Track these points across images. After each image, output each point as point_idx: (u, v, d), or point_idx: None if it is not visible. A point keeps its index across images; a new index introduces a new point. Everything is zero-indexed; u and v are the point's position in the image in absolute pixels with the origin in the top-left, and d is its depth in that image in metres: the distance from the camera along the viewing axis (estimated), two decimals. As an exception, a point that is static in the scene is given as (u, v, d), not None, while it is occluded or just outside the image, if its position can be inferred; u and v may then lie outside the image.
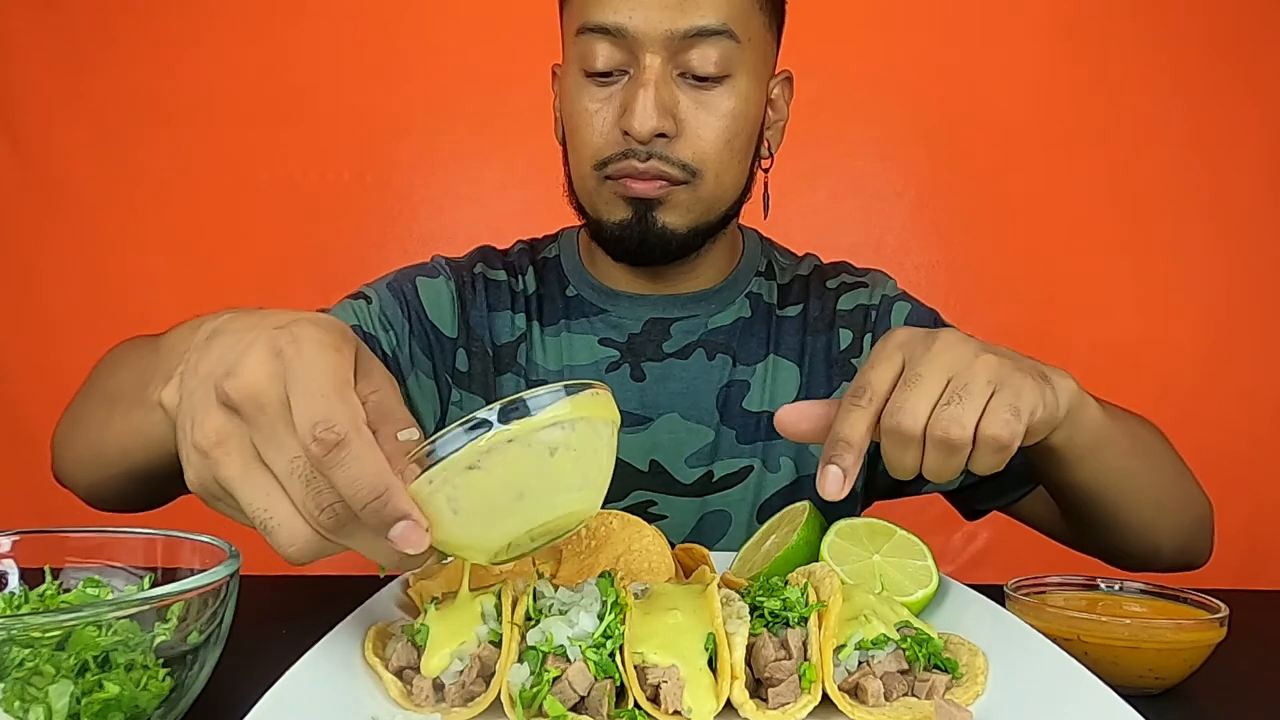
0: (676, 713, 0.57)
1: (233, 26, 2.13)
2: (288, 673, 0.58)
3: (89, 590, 0.67)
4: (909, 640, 0.64)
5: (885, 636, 0.63)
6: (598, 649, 0.58)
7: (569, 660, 0.58)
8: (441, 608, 0.65)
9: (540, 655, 0.59)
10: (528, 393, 0.54)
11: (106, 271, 2.13)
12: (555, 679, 0.57)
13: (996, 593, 0.77)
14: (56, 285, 2.15)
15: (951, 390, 0.67)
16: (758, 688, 0.61)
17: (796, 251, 1.25)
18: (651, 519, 1.09)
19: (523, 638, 0.61)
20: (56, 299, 2.14)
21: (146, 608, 0.55)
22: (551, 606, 0.63)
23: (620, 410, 1.08)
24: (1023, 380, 0.69)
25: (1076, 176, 2.12)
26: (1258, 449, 2.05)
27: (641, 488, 1.10)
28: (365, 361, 0.57)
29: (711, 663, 0.60)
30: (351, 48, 2.13)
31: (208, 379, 0.53)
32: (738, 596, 0.66)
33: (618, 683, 0.58)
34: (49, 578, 0.68)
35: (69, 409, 0.91)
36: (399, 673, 0.63)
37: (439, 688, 0.61)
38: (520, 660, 0.59)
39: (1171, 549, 0.97)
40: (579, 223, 1.11)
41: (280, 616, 0.83)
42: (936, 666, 0.64)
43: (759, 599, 0.65)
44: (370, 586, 0.75)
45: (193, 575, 0.58)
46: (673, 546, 0.82)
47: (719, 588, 0.66)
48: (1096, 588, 0.83)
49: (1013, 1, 2.12)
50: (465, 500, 0.54)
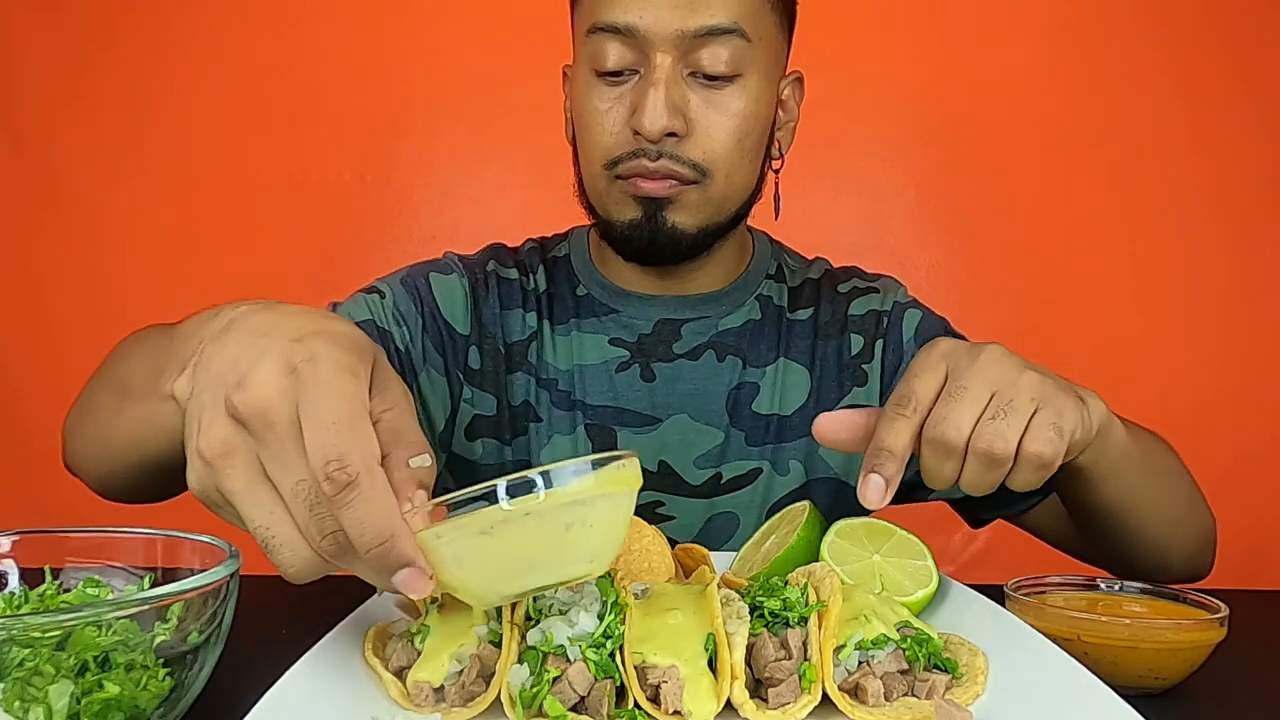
0: (676, 713, 0.57)
1: (233, 26, 2.13)
2: (288, 673, 0.58)
3: (89, 590, 0.67)
4: (909, 640, 0.64)
5: (885, 636, 0.63)
6: (598, 649, 0.58)
7: (569, 660, 0.58)
8: (442, 609, 0.65)
9: (540, 655, 0.59)
10: (554, 465, 0.53)
11: (106, 271, 2.14)
12: (555, 679, 0.57)
13: (996, 593, 0.77)
14: (56, 285, 2.15)
15: (996, 405, 0.68)
16: (758, 688, 0.61)
17: (796, 250, 1.25)
18: (660, 519, 1.09)
19: (523, 638, 0.61)
20: (56, 298, 2.14)
21: (146, 608, 0.55)
22: (551, 606, 0.63)
23: (629, 410, 1.09)
24: (1064, 400, 0.70)
25: (1077, 176, 2.12)
26: (1258, 449, 2.06)
27: (650, 488, 1.10)
28: (382, 377, 0.56)
29: (711, 663, 0.60)
30: (351, 48, 2.13)
31: (218, 383, 0.52)
32: (738, 596, 0.66)
33: (618, 683, 0.58)
34: (49, 578, 0.68)
35: (80, 397, 0.90)
36: (399, 673, 0.63)
37: (439, 688, 0.60)
38: (520, 661, 0.59)
39: (1180, 564, 0.99)
40: (588, 222, 1.10)
41: (280, 616, 0.82)
42: (936, 666, 0.64)
43: (759, 599, 0.65)
44: (370, 587, 0.74)
45: (193, 575, 0.58)
46: (673, 546, 0.82)
47: (719, 588, 0.66)
48: (1096, 588, 0.83)
49: (1014, 1, 2.12)
50: (472, 559, 0.53)
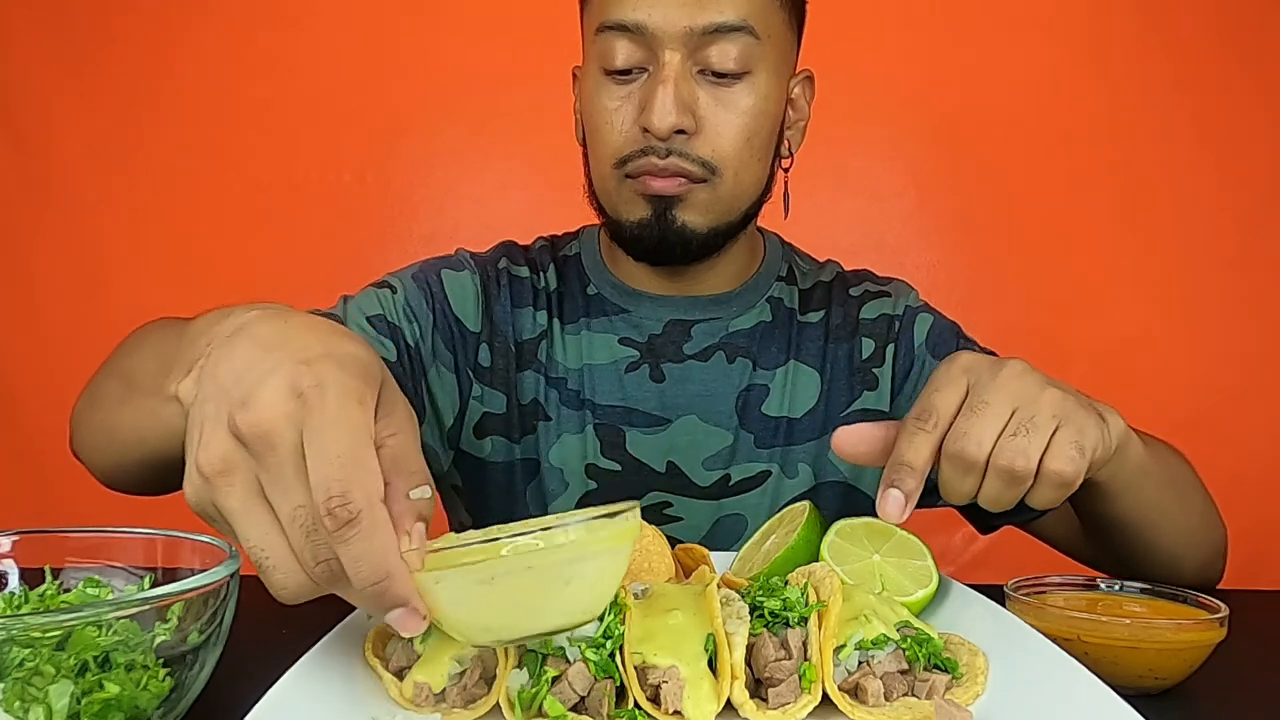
0: (677, 713, 0.57)
1: (233, 26, 2.13)
2: (288, 673, 0.58)
3: (89, 590, 0.67)
4: (909, 640, 0.64)
5: (885, 636, 0.63)
6: (597, 649, 0.58)
7: (568, 661, 0.58)
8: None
9: (539, 656, 0.59)
10: (556, 519, 0.53)
11: (106, 271, 2.13)
12: (555, 679, 0.57)
13: (996, 593, 0.77)
14: (56, 285, 2.15)
15: (1017, 421, 0.68)
16: (758, 688, 0.61)
17: (807, 252, 1.24)
18: (667, 520, 1.09)
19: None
20: (56, 299, 2.14)
21: (146, 608, 0.55)
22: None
23: (639, 410, 1.09)
24: (1086, 418, 0.70)
25: (1079, 175, 2.11)
26: (1260, 449, 2.05)
27: (658, 489, 1.10)
28: (389, 400, 0.55)
29: (711, 663, 0.60)
30: (352, 48, 2.13)
31: (222, 395, 0.52)
32: (738, 596, 0.66)
33: (618, 683, 0.58)
34: (49, 578, 0.68)
35: (89, 385, 0.90)
36: (399, 673, 0.63)
37: (440, 690, 0.60)
38: (520, 664, 0.59)
39: (1192, 573, 0.99)
40: (592, 221, 1.10)
41: (280, 616, 0.82)
42: (936, 666, 0.64)
43: (759, 599, 0.65)
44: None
45: (193, 575, 0.58)
46: (674, 546, 0.82)
47: (719, 588, 0.66)
48: (1096, 588, 0.83)
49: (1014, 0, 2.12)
50: (468, 605, 0.53)
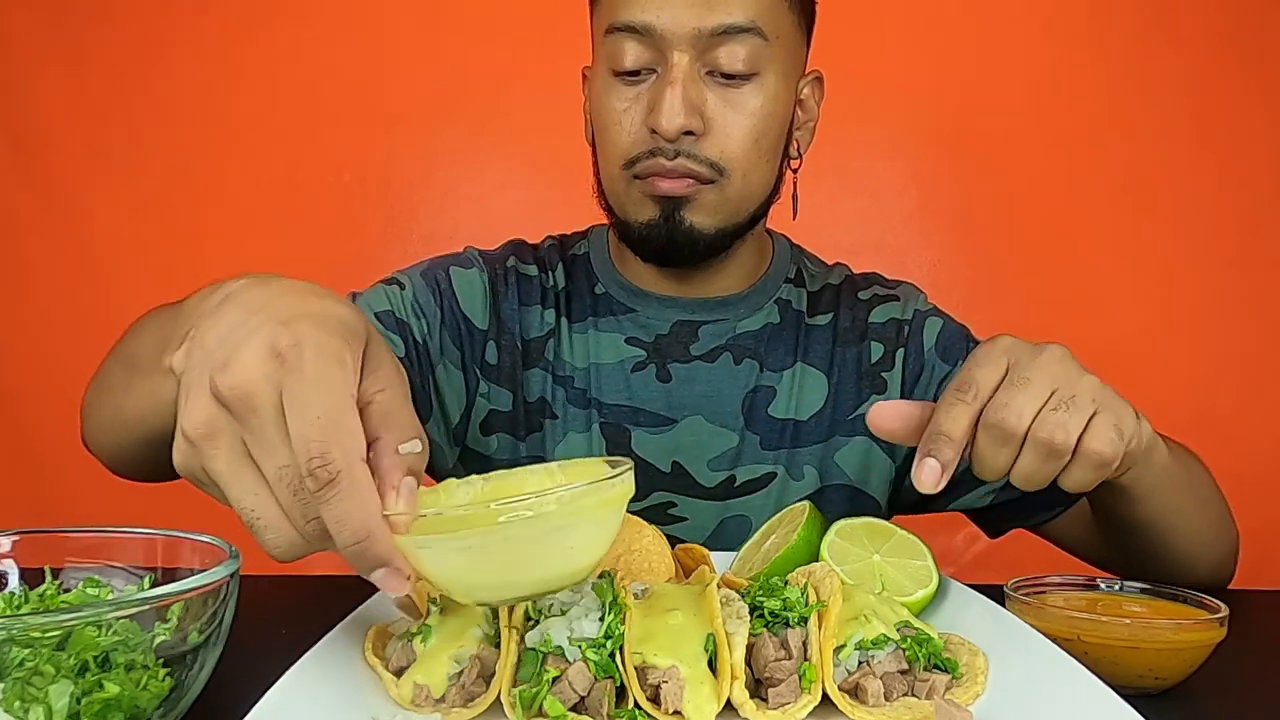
0: (677, 713, 0.57)
1: (233, 27, 2.13)
2: (288, 673, 0.58)
3: (89, 590, 0.67)
4: (909, 640, 0.64)
5: (885, 636, 0.63)
6: (598, 649, 0.58)
7: (568, 660, 0.58)
8: (444, 610, 0.65)
9: (540, 656, 0.59)
10: (542, 490, 0.53)
11: (105, 271, 2.13)
12: (555, 679, 0.57)
13: (996, 593, 0.77)
14: (55, 285, 2.14)
15: (1058, 398, 0.69)
16: (758, 688, 0.61)
17: (814, 254, 1.24)
18: (672, 521, 1.09)
19: (521, 639, 0.61)
20: (55, 299, 2.14)
21: (146, 608, 0.55)
22: (552, 607, 0.63)
23: (645, 410, 1.09)
24: (1124, 407, 0.72)
25: (1080, 174, 2.11)
26: (1260, 449, 2.05)
27: (663, 489, 1.10)
28: (375, 355, 0.55)
29: (712, 663, 0.60)
30: (351, 47, 2.13)
31: (206, 360, 0.52)
32: (738, 596, 0.66)
33: (618, 683, 0.58)
34: (49, 578, 0.68)
35: (96, 374, 0.91)
36: (399, 673, 0.63)
37: (440, 693, 0.60)
38: (519, 662, 0.59)
39: (1206, 575, 1.00)
40: (596, 221, 1.10)
41: (280, 616, 0.82)
42: (936, 666, 0.64)
43: (759, 599, 0.65)
44: (370, 586, 0.75)
45: (193, 575, 0.58)
46: (673, 546, 0.82)
47: (719, 588, 0.66)
48: (1096, 588, 0.83)
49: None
50: (454, 570, 0.54)
